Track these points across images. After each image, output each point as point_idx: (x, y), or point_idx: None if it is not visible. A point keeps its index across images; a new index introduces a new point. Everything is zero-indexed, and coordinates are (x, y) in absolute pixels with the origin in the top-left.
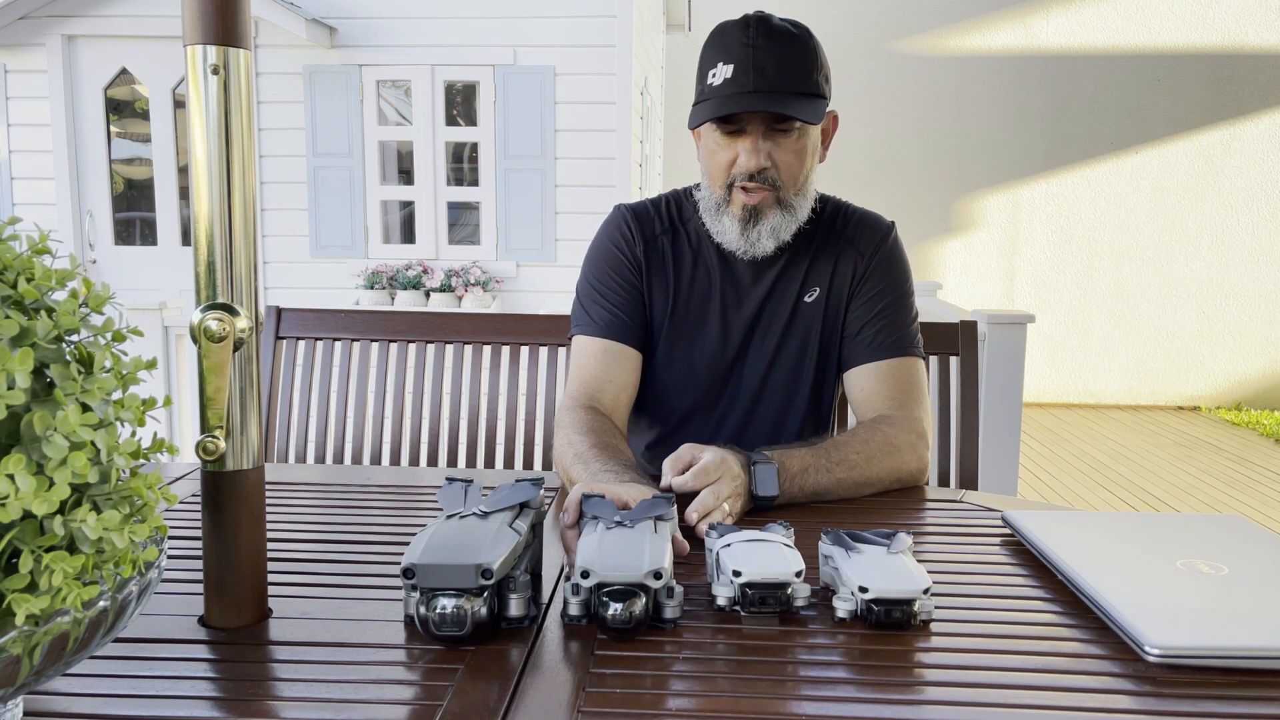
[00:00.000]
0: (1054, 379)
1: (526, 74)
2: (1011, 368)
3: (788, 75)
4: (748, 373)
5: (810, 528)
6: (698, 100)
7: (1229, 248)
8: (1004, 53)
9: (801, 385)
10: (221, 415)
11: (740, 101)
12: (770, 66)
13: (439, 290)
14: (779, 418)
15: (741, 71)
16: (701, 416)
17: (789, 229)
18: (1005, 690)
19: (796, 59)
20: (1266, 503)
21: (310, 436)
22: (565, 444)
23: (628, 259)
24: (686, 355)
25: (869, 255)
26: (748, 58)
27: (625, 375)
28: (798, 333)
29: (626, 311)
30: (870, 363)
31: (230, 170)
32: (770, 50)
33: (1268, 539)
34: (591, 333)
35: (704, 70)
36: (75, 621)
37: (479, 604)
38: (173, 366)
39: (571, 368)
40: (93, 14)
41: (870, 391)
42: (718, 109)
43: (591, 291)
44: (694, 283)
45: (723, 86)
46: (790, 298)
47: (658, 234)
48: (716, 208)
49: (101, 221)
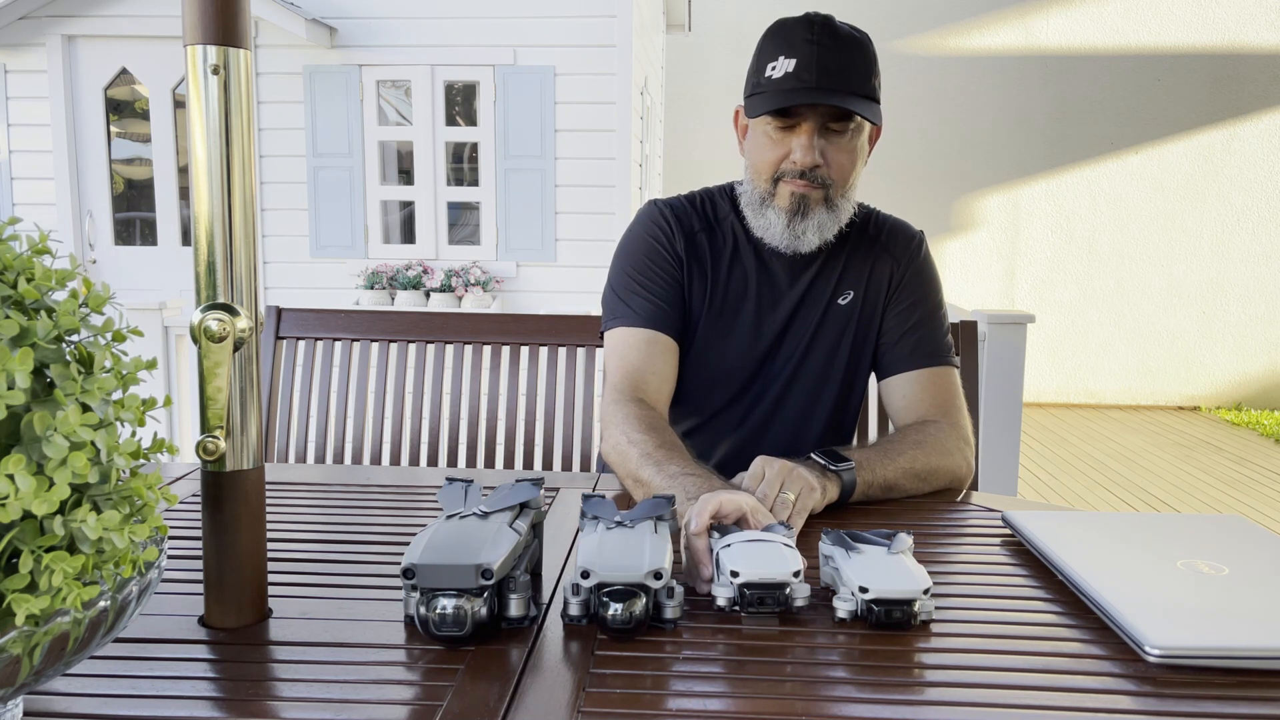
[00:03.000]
0: (1054, 379)
1: (526, 74)
2: (1011, 368)
3: (849, 76)
4: (776, 371)
5: (810, 528)
6: (752, 92)
7: (1229, 248)
8: (1004, 53)
9: (829, 387)
10: (221, 415)
11: (804, 95)
12: (834, 65)
13: (439, 290)
14: (803, 417)
15: (804, 67)
16: (726, 413)
17: (832, 228)
18: (1005, 690)
19: (859, 61)
20: (1266, 503)
21: (310, 436)
22: (625, 441)
23: (669, 252)
24: (719, 353)
25: (904, 263)
26: (812, 54)
27: (667, 367)
28: (829, 334)
29: (668, 302)
30: (911, 371)
31: (230, 170)
32: (834, 50)
33: (1268, 539)
34: (633, 323)
35: (761, 63)
36: (75, 621)
37: (479, 604)
38: (173, 366)
39: (611, 359)
40: (93, 14)
41: (913, 399)
42: (779, 100)
43: (630, 283)
44: (730, 280)
45: (783, 80)
46: (824, 299)
47: (696, 230)
48: (760, 202)
49: (101, 221)
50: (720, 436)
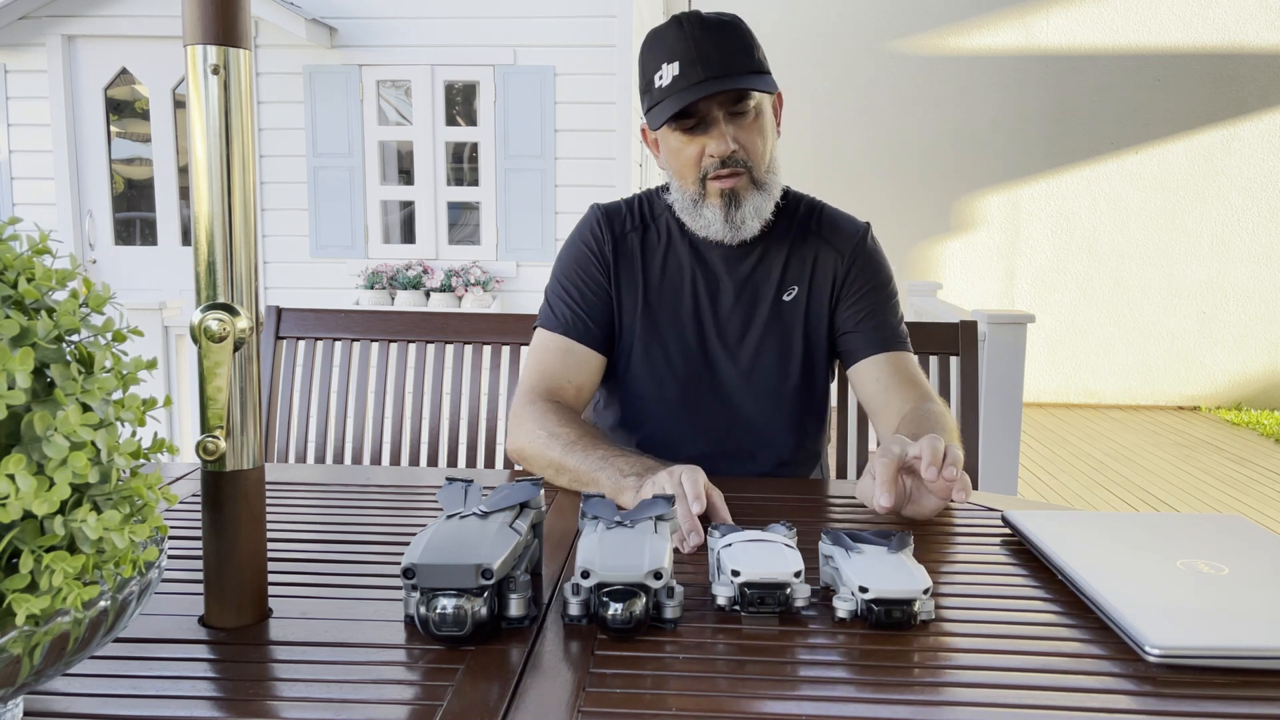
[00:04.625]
0: (1054, 379)
1: (526, 74)
2: (1011, 368)
3: (733, 58)
4: (729, 368)
5: (811, 528)
6: (649, 106)
7: (1229, 248)
8: (1004, 53)
9: (788, 382)
10: (221, 415)
11: (697, 90)
12: (715, 53)
13: (439, 290)
14: (768, 413)
15: (688, 64)
16: (684, 414)
17: (768, 207)
18: (1005, 690)
19: (737, 42)
20: (1266, 503)
21: (310, 436)
22: (545, 435)
23: (596, 258)
24: (662, 350)
25: (848, 255)
26: (691, 50)
27: (583, 377)
28: (779, 331)
29: (590, 313)
30: (876, 355)
31: (230, 170)
32: (710, 39)
33: (1268, 539)
34: (554, 328)
35: (648, 76)
36: (75, 621)
37: (479, 604)
38: (173, 366)
39: (530, 361)
40: (93, 14)
41: (885, 381)
42: (676, 104)
43: (559, 288)
44: (665, 276)
45: (674, 84)
46: (769, 294)
47: (627, 231)
48: (693, 204)
49: (101, 221)
50: (681, 436)
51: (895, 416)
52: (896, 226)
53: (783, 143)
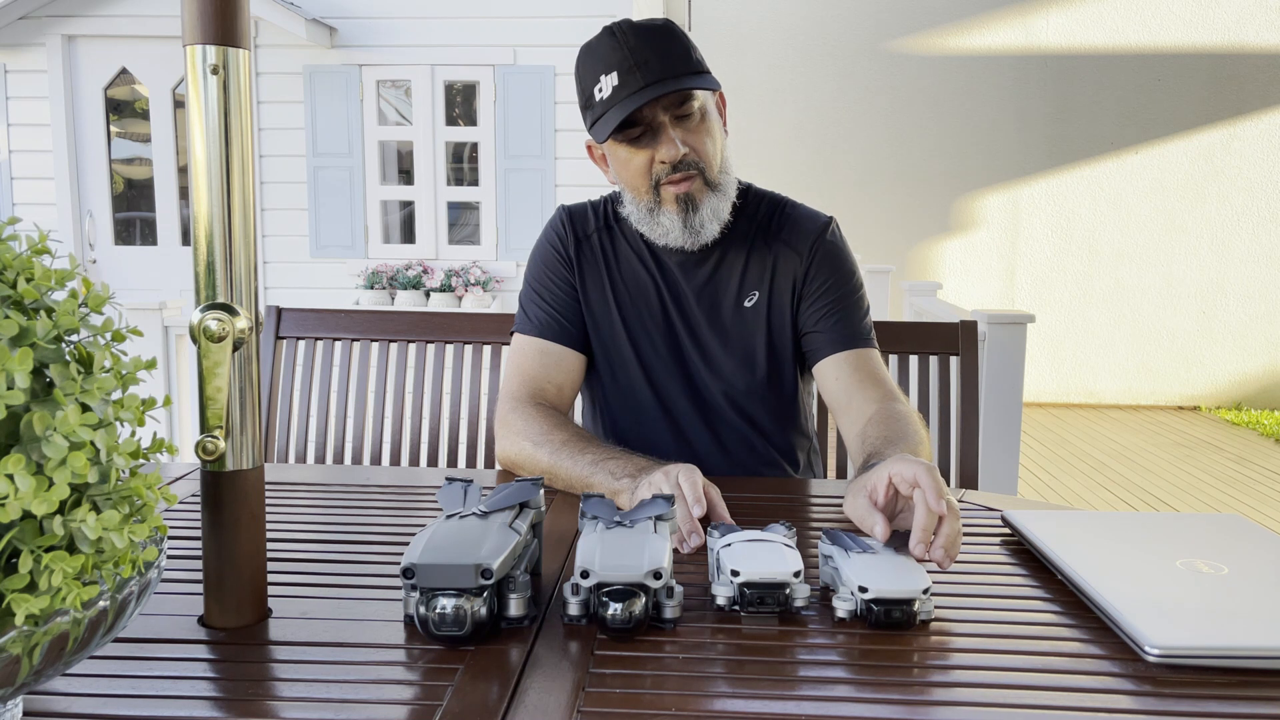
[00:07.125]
0: (1054, 379)
1: (526, 74)
2: (1011, 368)
3: (671, 61)
4: (699, 371)
5: (810, 528)
6: (593, 121)
7: (1229, 247)
8: (1004, 53)
9: (756, 384)
10: (221, 415)
11: (639, 98)
12: (652, 58)
13: (439, 290)
14: (743, 414)
15: (626, 73)
16: (661, 417)
17: (725, 208)
18: (1005, 690)
19: (673, 45)
20: (1266, 503)
21: (310, 436)
22: (532, 442)
23: (561, 258)
24: (634, 350)
25: (807, 254)
26: (627, 58)
27: (564, 376)
28: (743, 336)
29: (563, 313)
30: (838, 353)
31: (230, 170)
32: (645, 45)
33: (1268, 539)
34: (529, 332)
35: (587, 90)
36: (75, 621)
37: (479, 604)
38: (173, 366)
39: (510, 366)
40: (93, 14)
41: (847, 380)
42: (619, 113)
43: (530, 292)
44: (634, 277)
45: (614, 95)
46: (730, 298)
47: (591, 232)
48: (649, 213)
49: (101, 221)
50: (659, 436)
51: (860, 416)
52: (896, 226)
53: (783, 143)
